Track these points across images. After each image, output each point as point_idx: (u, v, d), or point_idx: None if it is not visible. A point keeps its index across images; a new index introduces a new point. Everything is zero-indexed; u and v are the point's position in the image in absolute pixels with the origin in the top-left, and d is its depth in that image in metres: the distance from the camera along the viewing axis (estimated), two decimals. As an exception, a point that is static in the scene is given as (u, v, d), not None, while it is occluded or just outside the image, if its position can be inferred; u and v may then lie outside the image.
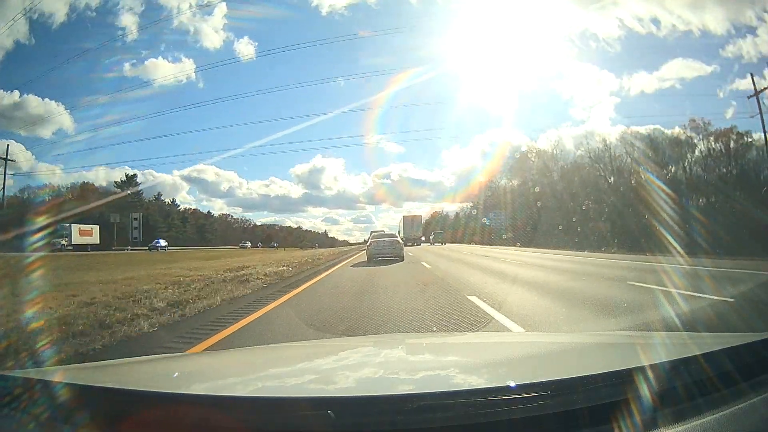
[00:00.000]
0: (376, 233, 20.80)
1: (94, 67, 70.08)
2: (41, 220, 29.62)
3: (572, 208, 32.72)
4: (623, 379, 1.02)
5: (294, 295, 8.01)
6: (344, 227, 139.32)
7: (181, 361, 1.96)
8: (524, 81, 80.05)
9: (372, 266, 15.23)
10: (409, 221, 48.07)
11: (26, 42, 50.83)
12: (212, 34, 79.88)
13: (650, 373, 1.02)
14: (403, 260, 17.28)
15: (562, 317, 5.33)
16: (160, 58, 74.72)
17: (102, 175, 75.49)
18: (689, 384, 1.04)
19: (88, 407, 1.02)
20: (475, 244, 38.78)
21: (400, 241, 19.63)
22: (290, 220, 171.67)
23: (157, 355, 2.73)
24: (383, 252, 17.90)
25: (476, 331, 4.74)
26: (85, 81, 75.15)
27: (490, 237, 46.07)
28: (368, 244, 18.93)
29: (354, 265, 16.23)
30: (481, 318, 5.35)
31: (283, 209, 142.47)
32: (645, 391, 0.99)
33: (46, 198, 49.21)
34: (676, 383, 1.03)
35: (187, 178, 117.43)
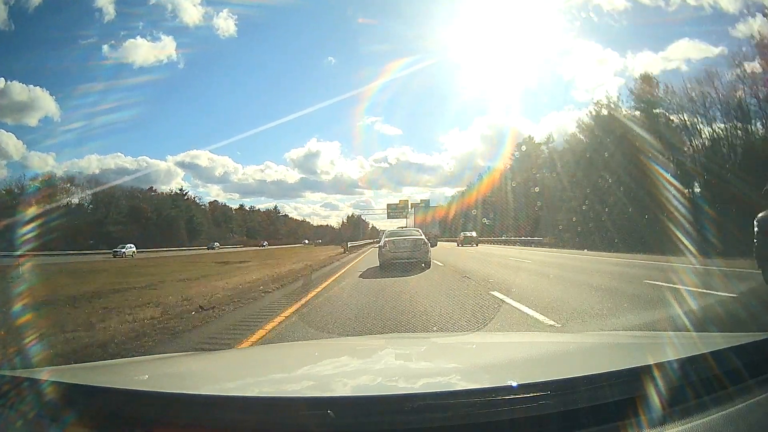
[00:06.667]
0: (391, 231, 16.36)
1: (75, 51, 70.89)
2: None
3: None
4: (627, 378, 1.01)
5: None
6: (344, 213, 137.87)
7: (179, 361, 1.95)
8: (524, 60, 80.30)
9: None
10: (424, 217, 40.21)
11: (5, 28, 51.01)
12: (191, 8, 79.56)
13: (655, 372, 1.01)
14: (429, 267, 12.95)
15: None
16: (138, 37, 74.98)
17: (95, 164, 75.47)
18: (695, 382, 1.03)
19: (76, 406, 1.01)
20: (468, 244, 36.37)
21: (426, 241, 14.27)
22: (289, 206, 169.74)
23: (155, 355, 2.72)
24: (402, 255, 13.19)
25: (478, 331, 4.73)
26: (67, 66, 75.67)
27: (489, 236, 45.58)
28: (381, 245, 13.99)
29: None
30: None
31: (281, 195, 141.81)
32: (650, 390, 0.98)
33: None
34: (681, 382, 1.02)
35: (181, 164, 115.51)
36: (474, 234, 40.04)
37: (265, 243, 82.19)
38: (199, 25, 74.86)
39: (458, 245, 36.54)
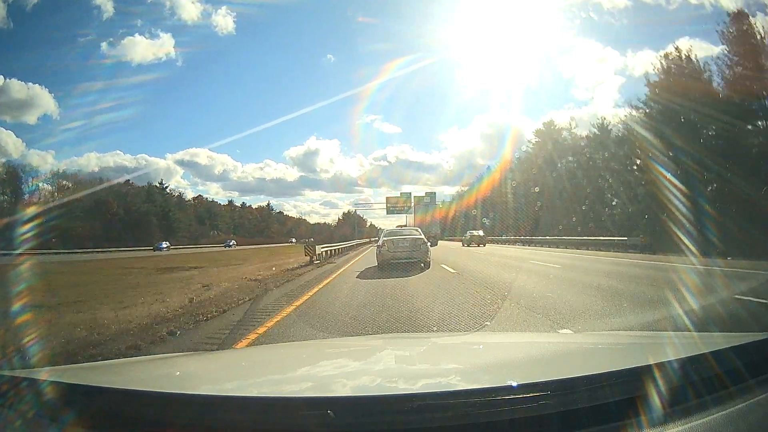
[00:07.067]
0: (390, 230, 16.38)
1: (74, 48, 70.69)
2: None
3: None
4: (627, 378, 1.01)
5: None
6: (344, 211, 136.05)
7: (178, 362, 1.94)
8: (524, 58, 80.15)
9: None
10: (424, 217, 38.81)
11: (4, 26, 50.86)
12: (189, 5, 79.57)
13: (655, 372, 1.01)
14: (428, 267, 12.69)
15: None
16: (137, 35, 74.51)
17: (93, 162, 74.61)
18: (696, 382, 1.03)
19: (75, 406, 1.01)
20: (476, 244, 33.62)
21: (426, 240, 14.10)
22: (288, 204, 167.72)
23: (155, 355, 2.72)
24: (401, 255, 13.04)
25: (478, 331, 4.73)
26: (66, 64, 75.18)
27: (488, 236, 44.91)
28: (379, 244, 13.87)
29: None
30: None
31: (281, 193, 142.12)
32: (650, 390, 0.98)
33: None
34: (682, 381, 1.02)
35: (180, 162, 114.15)
36: (481, 233, 36.81)
37: (233, 242, 70.34)
38: (197, 22, 75.05)
39: (464, 245, 34.65)
